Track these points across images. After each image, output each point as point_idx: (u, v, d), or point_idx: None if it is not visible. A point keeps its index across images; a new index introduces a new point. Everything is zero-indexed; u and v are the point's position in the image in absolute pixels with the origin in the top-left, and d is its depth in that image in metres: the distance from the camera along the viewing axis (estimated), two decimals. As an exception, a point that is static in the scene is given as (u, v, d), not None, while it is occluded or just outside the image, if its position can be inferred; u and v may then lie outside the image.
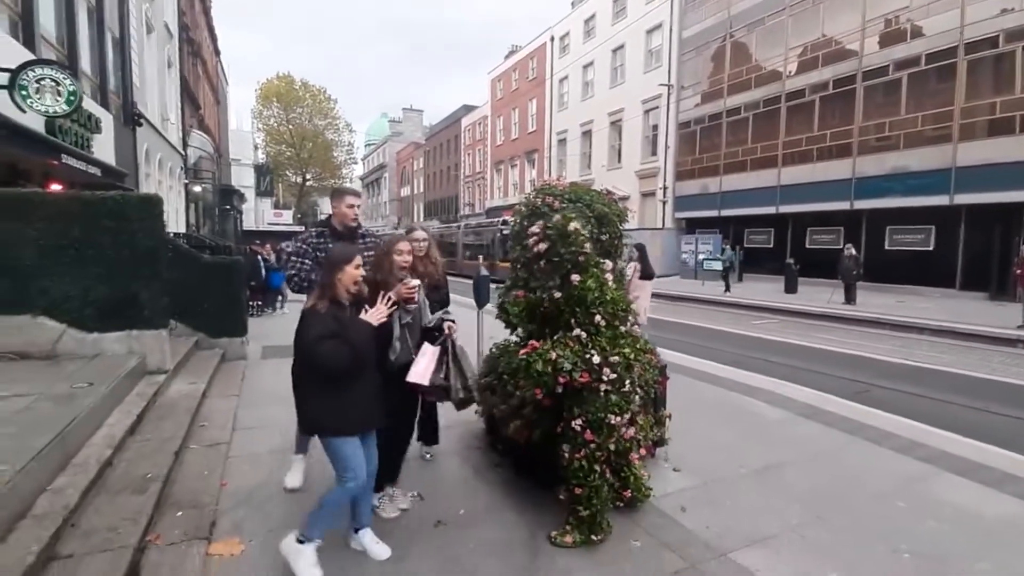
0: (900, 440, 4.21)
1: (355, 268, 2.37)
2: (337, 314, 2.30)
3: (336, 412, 2.31)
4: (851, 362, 7.67)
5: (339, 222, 3.41)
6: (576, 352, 2.66)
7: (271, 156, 46.88)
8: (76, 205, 4.40)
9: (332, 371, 2.25)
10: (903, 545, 2.77)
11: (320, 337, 2.21)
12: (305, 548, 2.34)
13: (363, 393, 2.37)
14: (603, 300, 2.77)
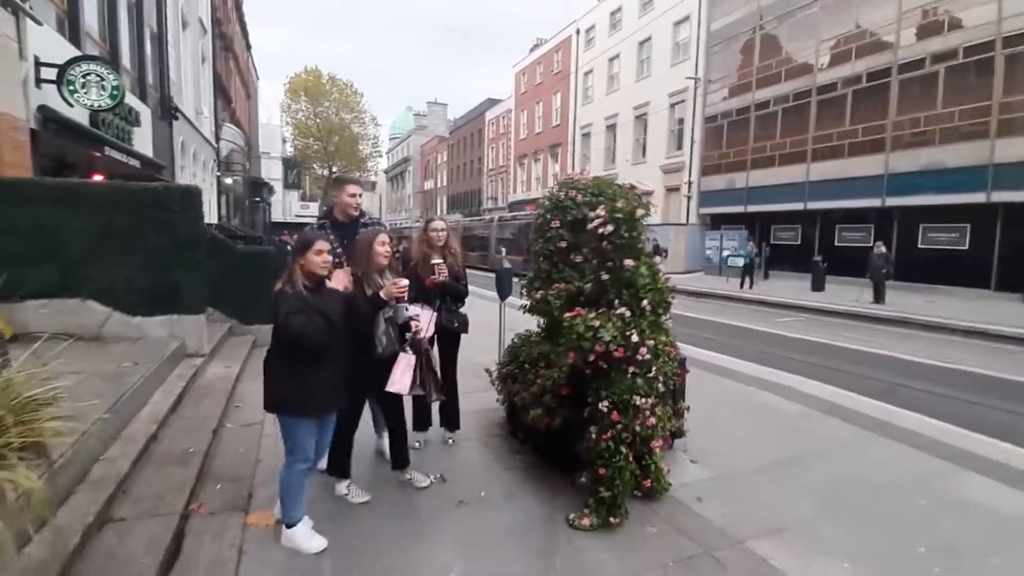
0: (922, 438, 4.19)
1: (315, 254, 2.40)
2: (304, 295, 2.36)
3: (299, 395, 2.39)
4: (876, 361, 7.56)
5: (341, 212, 3.38)
6: (618, 328, 2.75)
7: (299, 149, 47.68)
8: (122, 196, 4.64)
9: (306, 342, 2.30)
10: (919, 539, 2.79)
11: (289, 314, 2.28)
12: (296, 529, 2.52)
13: (327, 378, 2.44)
14: (653, 287, 2.87)
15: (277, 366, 2.44)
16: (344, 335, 2.49)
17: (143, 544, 2.25)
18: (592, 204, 3.45)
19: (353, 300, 2.57)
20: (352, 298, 2.56)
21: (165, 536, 2.33)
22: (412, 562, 2.50)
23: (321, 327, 2.30)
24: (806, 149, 18.17)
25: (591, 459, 2.82)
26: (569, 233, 3.48)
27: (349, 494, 3.04)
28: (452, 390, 3.88)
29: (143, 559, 2.16)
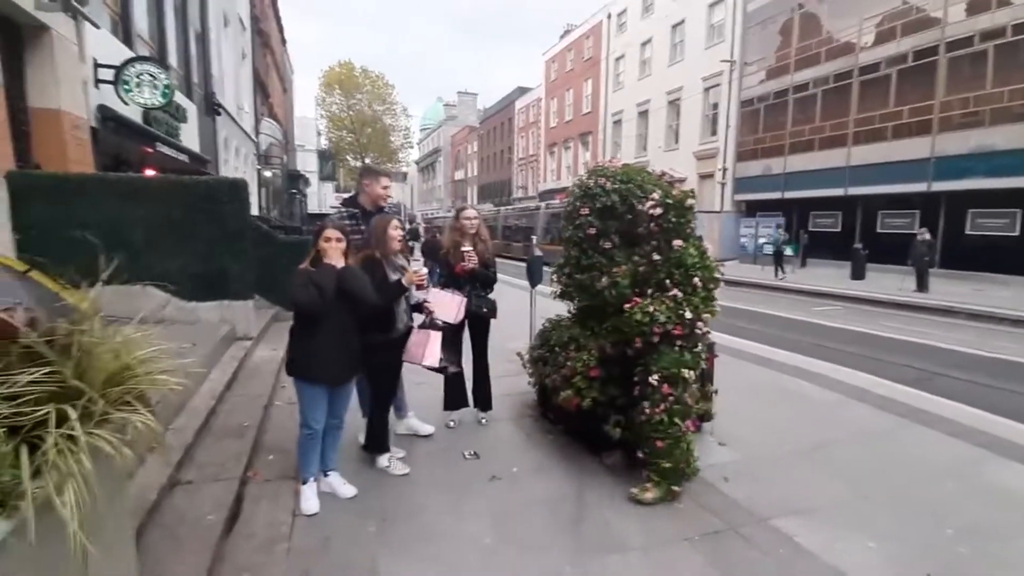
0: (956, 425, 4.13)
1: (324, 240, 2.71)
2: (310, 271, 2.67)
3: (303, 359, 2.71)
4: (916, 350, 7.38)
5: (370, 202, 3.51)
6: (671, 308, 2.92)
7: (333, 142, 48.66)
8: (176, 189, 4.96)
9: (302, 309, 2.67)
10: (947, 522, 2.81)
11: (296, 286, 2.63)
12: (304, 488, 2.82)
13: (326, 346, 2.69)
14: (704, 265, 3.03)
15: (292, 333, 2.79)
16: (339, 306, 2.69)
17: (209, 504, 2.50)
18: (621, 191, 3.54)
19: (344, 276, 2.72)
20: (343, 272, 2.73)
21: (227, 498, 2.57)
22: (449, 529, 2.68)
23: (314, 297, 2.59)
24: (847, 132, 17.53)
25: (646, 433, 2.95)
26: (598, 220, 3.56)
27: (390, 466, 3.24)
28: (484, 373, 4.05)
29: (210, 516, 2.40)
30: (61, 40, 5.40)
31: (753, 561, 2.45)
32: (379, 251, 3.08)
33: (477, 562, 2.42)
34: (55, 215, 4.50)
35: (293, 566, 2.30)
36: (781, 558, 2.47)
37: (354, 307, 2.76)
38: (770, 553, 2.51)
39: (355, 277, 2.74)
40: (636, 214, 3.54)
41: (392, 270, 3.09)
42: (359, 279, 2.77)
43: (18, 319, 1.12)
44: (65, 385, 1.09)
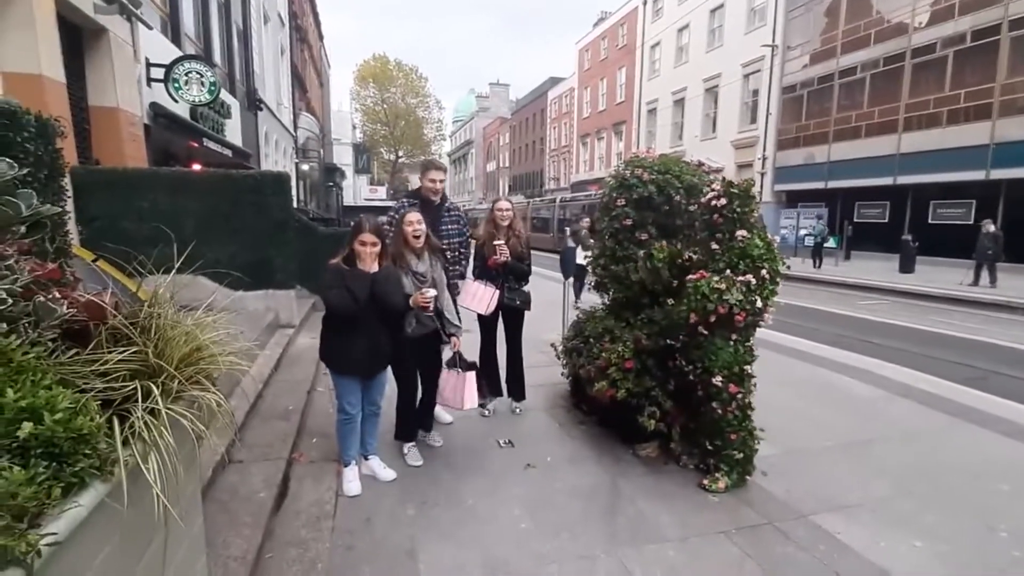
0: (1010, 424, 3.95)
1: (360, 244, 2.68)
2: (344, 271, 2.67)
3: (335, 351, 2.80)
4: (969, 347, 7.04)
5: (424, 194, 3.61)
6: (743, 292, 2.88)
7: (367, 135, 49.44)
8: (224, 183, 5.18)
9: (333, 312, 2.68)
10: (1000, 523, 2.71)
11: (328, 286, 2.63)
12: (346, 471, 2.92)
13: (356, 345, 2.73)
14: (770, 257, 2.98)
15: (323, 326, 2.85)
16: (371, 307, 2.68)
17: (259, 482, 2.64)
18: (658, 182, 3.50)
19: (378, 280, 2.70)
20: (377, 278, 2.70)
21: (276, 477, 2.71)
22: (485, 514, 2.74)
23: (347, 302, 2.59)
24: (897, 118, 16.73)
25: (719, 429, 3.00)
26: (634, 211, 3.55)
27: (407, 455, 3.30)
28: (518, 363, 4.09)
29: (260, 494, 2.53)
30: (117, 41, 5.67)
31: (791, 556, 2.42)
32: (392, 252, 2.99)
33: (513, 545, 2.48)
34: (113, 208, 4.76)
35: (337, 543, 2.41)
36: (822, 554, 2.43)
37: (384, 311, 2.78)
38: (809, 548, 2.47)
39: (387, 282, 2.72)
40: (673, 205, 3.51)
41: (409, 276, 3.02)
42: (391, 284, 2.75)
43: (107, 303, 1.23)
44: (147, 364, 1.20)
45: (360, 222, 2.75)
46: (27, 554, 0.79)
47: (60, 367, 1.10)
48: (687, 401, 3.27)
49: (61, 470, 0.92)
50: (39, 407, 0.94)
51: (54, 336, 1.16)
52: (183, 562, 1.42)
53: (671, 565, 2.34)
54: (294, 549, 2.30)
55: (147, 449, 1.09)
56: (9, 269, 1.15)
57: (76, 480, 0.94)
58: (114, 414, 1.09)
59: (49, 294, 1.15)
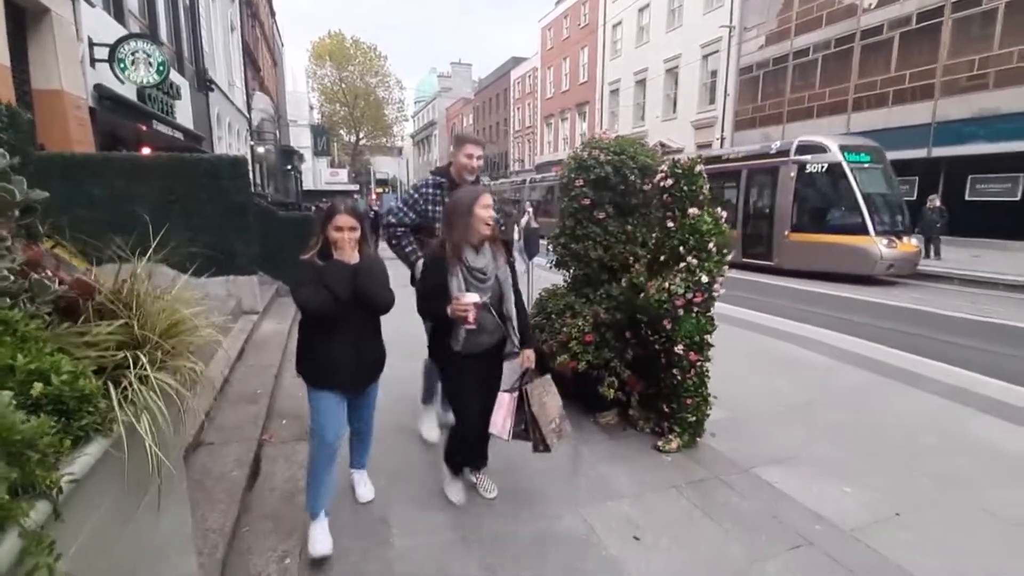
0: (938, 384, 4.33)
1: (335, 229, 2.19)
2: (319, 266, 2.19)
3: (312, 361, 2.29)
4: (912, 316, 7.56)
5: (457, 173, 3.11)
6: (685, 279, 3.09)
7: (325, 116, 48.03)
8: (180, 167, 5.05)
9: (311, 312, 2.20)
10: (922, 470, 3.01)
11: (301, 283, 2.19)
12: (313, 525, 2.28)
13: (338, 349, 2.25)
14: (717, 231, 3.17)
15: (300, 333, 2.39)
16: (355, 306, 2.23)
17: (231, 462, 2.69)
18: (614, 163, 3.64)
19: (361, 272, 2.22)
20: (360, 269, 2.22)
21: (248, 457, 2.77)
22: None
23: (326, 300, 2.15)
24: (847, 99, 17.39)
25: (677, 394, 3.22)
26: (592, 191, 3.67)
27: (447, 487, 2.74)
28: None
29: (234, 472, 2.59)
30: (60, 20, 5.40)
31: (735, 504, 2.66)
32: (454, 240, 2.37)
33: (482, 511, 2.62)
34: (62, 195, 4.59)
35: (312, 515, 2.50)
36: (762, 501, 2.68)
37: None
38: (751, 497, 2.71)
39: (372, 274, 2.26)
40: (628, 185, 3.65)
41: (459, 275, 2.38)
42: (377, 277, 2.29)
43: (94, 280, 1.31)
44: (132, 335, 1.29)
45: (334, 205, 2.28)
46: (52, 488, 0.92)
47: (57, 338, 1.20)
48: (645, 370, 3.48)
49: (69, 425, 1.06)
50: (46, 370, 1.07)
51: (49, 311, 1.26)
52: (174, 511, 1.63)
53: (627, 518, 2.53)
54: (269, 521, 2.38)
55: (138, 411, 1.21)
56: (8, 250, 1.26)
57: (82, 434, 1.08)
58: (108, 379, 1.21)
59: (42, 272, 1.24)
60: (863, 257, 10.42)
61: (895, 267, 10.42)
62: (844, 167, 10.96)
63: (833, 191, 11.27)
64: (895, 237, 10.61)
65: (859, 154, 11.33)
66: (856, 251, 10.51)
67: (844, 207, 11.02)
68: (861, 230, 10.53)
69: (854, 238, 10.56)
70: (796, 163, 11.67)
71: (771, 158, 12.45)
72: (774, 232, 12.18)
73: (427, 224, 3.12)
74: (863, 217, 10.60)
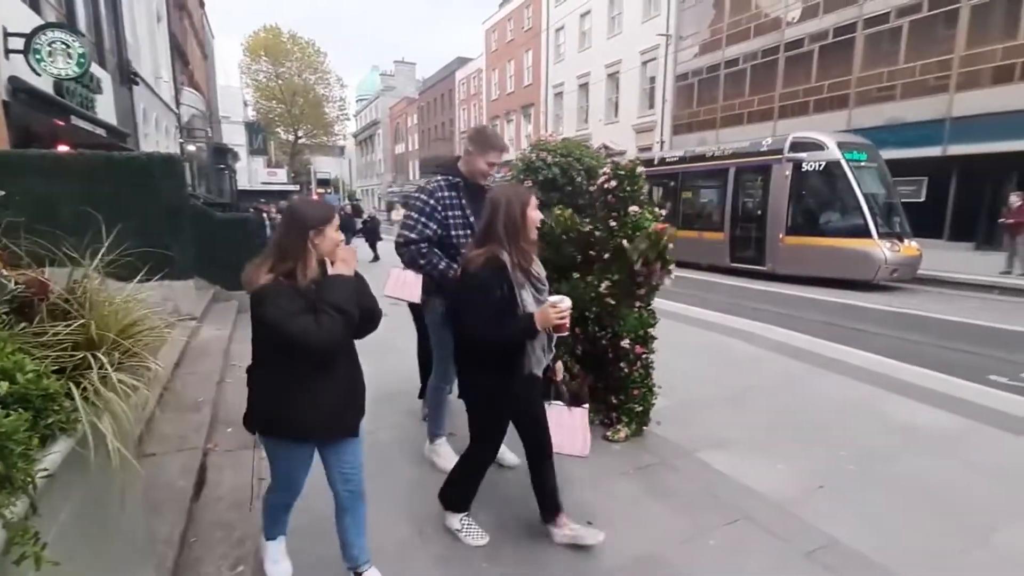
0: (861, 371, 4.73)
1: (335, 231, 1.79)
2: (306, 287, 1.72)
3: (287, 410, 1.79)
4: (834, 309, 8.18)
5: (470, 174, 2.75)
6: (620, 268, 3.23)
7: (261, 113, 46.12)
8: (107, 166, 4.74)
9: (325, 346, 1.70)
10: (842, 447, 3.31)
11: (289, 315, 1.66)
12: (269, 545, 2.12)
13: (328, 389, 1.81)
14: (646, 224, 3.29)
15: (265, 379, 1.82)
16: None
17: (176, 473, 2.59)
18: (561, 164, 3.77)
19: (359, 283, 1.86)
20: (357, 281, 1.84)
21: (193, 466, 2.67)
22: (415, 480, 2.89)
23: (338, 328, 1.69)
24: (773, 107, 18.53)
25: (624, 386, 3.36)
26: (541, 191, 3.78)
27: (461, 531, 2.38)
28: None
29: (179, 482, 2.50)
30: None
31: (679, 485, 2.83)
32: (510, 243, 2.03)
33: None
34: (-30, 195, 4.22)
35: (265, 521, 2.45)
36: (703, 481, 2.87)
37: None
38: (694, 478, 2.90)
39: (365, 286, 1.90)
40: (575, 185, 3.79)
41: (528, 286, 2.09)
42: (367, 288, 1.91)
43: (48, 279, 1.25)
44: (88, 336, 1.24)
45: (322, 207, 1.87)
46: (27, 483, 0.93)
47: (14, 338, 1.15)
48: (594, 365, 3.61)
49: (36, 423, 1.04)
50: (10, 369, 1.05)
51: (6, 311, 1.19)
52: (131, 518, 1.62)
53: (581, 502, 2.64)
54: (219, 531, 2.32)
55: (99, 411, 1.20)
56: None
57: (49, 432, 1.08)
58: (68, 380, 1.18)
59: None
60: (865, 261, 9.70)
61: (899, 272, 9.76)
62: (843, 165, 10.20)
63: (832, 191, 10.54)
64: (897, 239, 9.91)
65: (856, 152, 10.60)
66: (857, 255, 9.79)
67: (844, 208, 10.32)
68: (863, 232, 9.78)
69: (855, 241, 9.84)
70: (791, 161, 10.84)
71: (762, 156, 11.66)
72: (767, 235, 11.28)
73: (446, 234, 2.70)
74: (865, 218, 9.86)
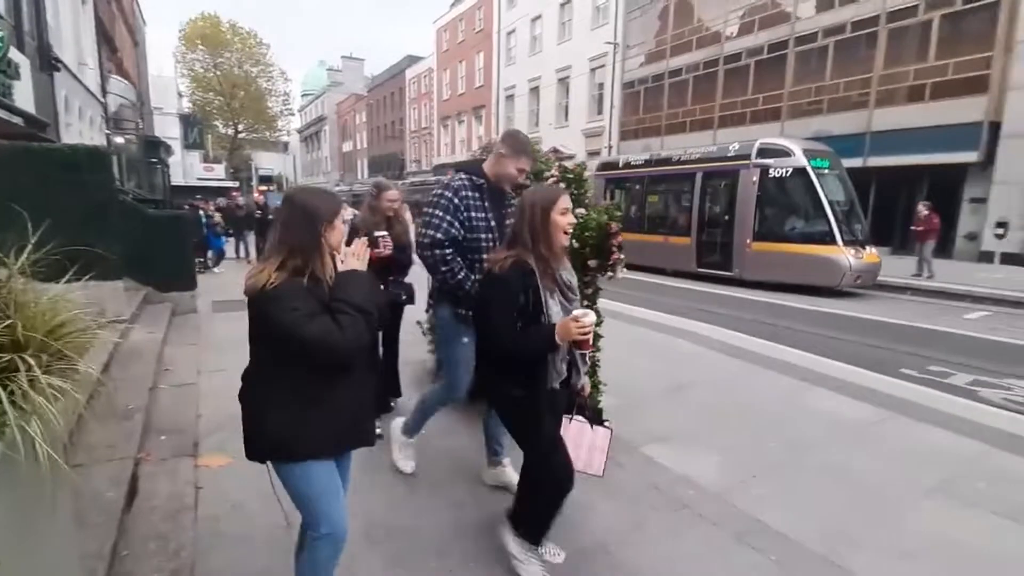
0: (788, 366, 5.05)
1: (342, 223, 1.66)
2: (315, 288, 1.55)
3: (304, 424, 1.59)
4: (767, 308, 8.67)
5: (494, 177, 2.61)
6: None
7: (198, 105, 43.85)
8: (26, 157, 4.39)
9: (348, 351, 1.53)
10: (772, 438, 3.54)
11: (308, 314, 1.48)
12: None
13: (344, 396, 1.64)
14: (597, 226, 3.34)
15: (275, 396, 1.60)
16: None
17: (105, 483, 2.44)
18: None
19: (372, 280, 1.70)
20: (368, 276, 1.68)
21: (124, 475, 2.53)
22: (365, 485, 2.84)
23: (363, 328, 1.55)
24: (714, 116, 19.42)
25: None
26: (491, 193, 3.82)
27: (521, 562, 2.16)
28: (395, 359, 4.03)
29: (108, 493, 2.36)
30: None
31: (624, 479, 2.94)
32: (539, 248, 1.93)
33: (399, 502, 2.69)
34: None
35: (203, 531, 2.36)
36: (645, 473, 3.00)
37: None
38: (637, 472, 3.02)
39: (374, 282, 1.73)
40: (524, 188, 3.85)
41: (556, 295, 1.99)
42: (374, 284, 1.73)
43: None
44: (14, 337, 1.17)
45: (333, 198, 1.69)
46: None
47: None
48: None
49: None
50: None
51: None
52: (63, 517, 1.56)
53: (529, 502, 2.69)
54: (153, 543, 2.21)
55: (28, 416, 1.15)
56: None
57: None
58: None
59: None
60: (830, 268, 9.94)
61: (862, 279, 10.02)
62: (809, 172, 10.40)
63: (799, 198, 10.68)
64: (860, 247, 10.19)
65: (820, 159, 10.82)
66: (823, 262, 10.02)
67: (810, 215, 10.50)
68: (829, 239, 10.02)
69: (821, 248, 10.07)
70: (759, 167, 10.99)
71: (730, 161, 11.75)
72: (734, 240, 11.38)
73: (472, 236, 2.58)
74: (830, 226, 10.07)
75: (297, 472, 1.62)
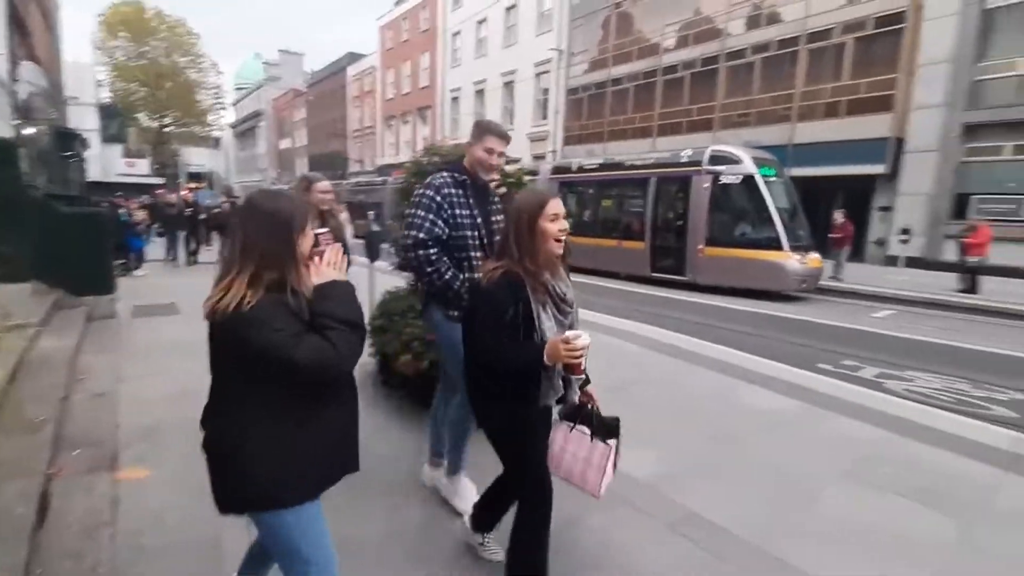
0: (721, 363, 5.32)
1: (306, 238, 1.46)
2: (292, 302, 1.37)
3: (302, 458, 1.41)
4: (692, 307, 9.09)
5: (470, 166, 2.52)
6: None
7: (119, 95, 40.86)
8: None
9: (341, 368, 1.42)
10: (708, 431, 3.74)
11: (293, 334, 1.31)
12: None
13: (332, 421, 1.48)
14: None
15: (253, 429, 1.38)
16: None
17: (13, 499, 2.24)
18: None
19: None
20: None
21: (33, 491, 2.33)
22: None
23: (356, 344, 1.42)
24: (653, 124, 20.17)
25: None
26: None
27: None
28: None
29: (18, 510, 2.17)
30: None
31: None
32: (526, 260, 1.80)
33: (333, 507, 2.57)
34: None
35: (123, 545, 2.21)
36: (586, 471, 3.07)
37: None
38: (578, 469, 3.09)
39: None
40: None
41: (549, 307, 1.87)
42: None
43: None
44: None
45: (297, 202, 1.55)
46: None
47: None
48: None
49: None
50: None
51: None
52: None
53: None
54: (68, 560, 2.05)
55: None
56: None
57: None
58: None
59: None
60: (779, 273, 10.28)
61: (807, 283, 10.47)
62: (757, 180, 10.64)
63: (748, 204, 10.92)
64: (804, 252, 10.58)
65: (767, 167, 11.11)
66: (772, 267, 10.34)
67: (758, 221, 10.72)
68: (776, 245, 10.33)
69: (769, 253, 10.39)
70: (710, 174, 11.23)
71: (682, 167, 11.98)
72: (687, 245, 11.60)
73: (457, 233, 2.46)
74: (777, 232, 10.37)
75: (289, 520, 1.41)
